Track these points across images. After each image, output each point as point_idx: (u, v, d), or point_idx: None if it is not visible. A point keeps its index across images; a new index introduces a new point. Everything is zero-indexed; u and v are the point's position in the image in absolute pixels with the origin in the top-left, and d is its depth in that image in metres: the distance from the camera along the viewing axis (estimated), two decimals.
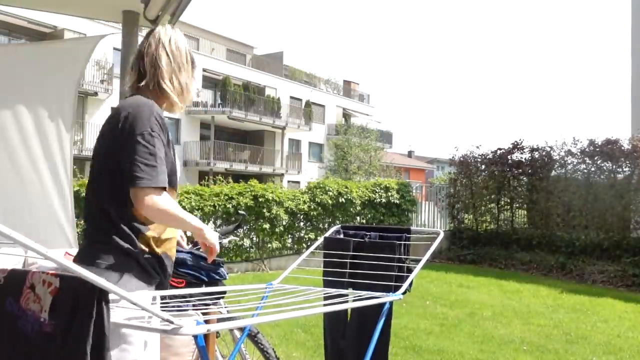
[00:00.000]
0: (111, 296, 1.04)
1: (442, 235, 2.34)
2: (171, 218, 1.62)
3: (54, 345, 1.00)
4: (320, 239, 2.45)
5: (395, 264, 2.13)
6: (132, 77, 1.81)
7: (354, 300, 1.65)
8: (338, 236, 2.47)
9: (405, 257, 2.25)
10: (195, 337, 1.13)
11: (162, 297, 1.82)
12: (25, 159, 3.44)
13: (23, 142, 3.44)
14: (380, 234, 2.40)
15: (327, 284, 1.94)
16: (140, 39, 3.62)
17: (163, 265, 1.70)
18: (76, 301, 1.00)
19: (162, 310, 1.31)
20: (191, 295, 1.96)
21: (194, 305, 1.96)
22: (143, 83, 1.76)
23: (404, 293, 1.90)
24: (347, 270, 2.14)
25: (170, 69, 1.80)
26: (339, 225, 2.57)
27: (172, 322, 1.09)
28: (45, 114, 3.47)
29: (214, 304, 2.22)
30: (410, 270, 2.04)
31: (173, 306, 1.83)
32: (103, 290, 0.98)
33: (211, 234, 1.79)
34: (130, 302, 1.04)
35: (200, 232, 1.76)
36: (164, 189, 1.62)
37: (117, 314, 1.39)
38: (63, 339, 0.99)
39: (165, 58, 1.79)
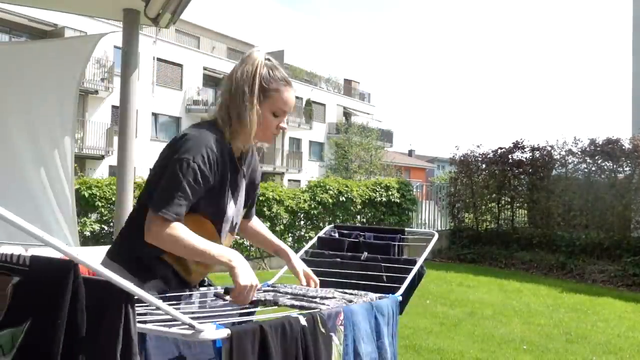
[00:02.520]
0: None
1: (436, 236, 2.33)
2: (179, 246, 1.50)
3: (83, 348, 0.98)
4: (314, 239, 2.45)
5: (389, 264, 2.13)
6: None
7: (350, 302, 1.65)
8: (332, 236, 2.47)
9: (399, 257, 2.24)
10: (214, 341, 1.14)
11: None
12: (25, 157, 3.44)
13: (24, 141, 3.44)
14: (375, 234, 2.40)
15: (321, 284, 1.94)
16: (140, 37, 3.63)
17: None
18: (103, 304, 0.99)
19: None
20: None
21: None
22: None
23: (401, 294, 1.90)
24: (341, 271, 2.14)
25: (226, 97, 1.65)
26: (333, 225, 2.56)
27: (193, 327, 1.09)
28: (46, 112, 3.47)
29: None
30: (405, 271, 2.03)
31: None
32: (129, 293, 0.98)
33: (244, 274, 1.50)
34: (155, 306, 1.03)
35: (229, 269, 1.51)
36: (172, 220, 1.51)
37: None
38: (93, 342, 0.98)
39: (227, 84, 1.65)
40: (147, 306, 1.27)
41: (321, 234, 2.47)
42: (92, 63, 21.05)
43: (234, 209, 1.71)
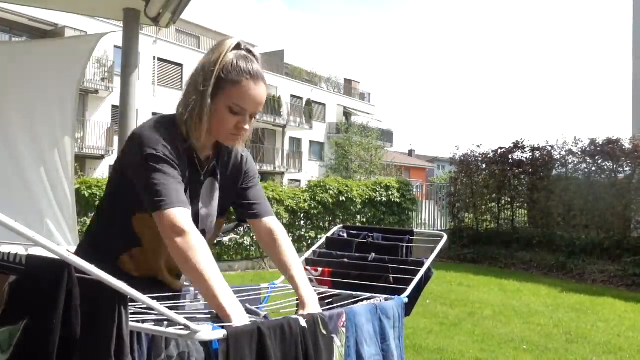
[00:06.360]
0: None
1: (445, 238, 2.33)
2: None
3: (77, 347, 0.98)
4: (323, 239, 2.44)
5: (398, 266, 2.12)
6: None
7: (357, 303, 1.65)
8: (340, 236, 2.47)
9: (407, 259, 2.24)
10: (210, 342, 1.12)
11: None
12: (26, 157, 3.43)
13: (24, 141, 3.43)
14: (383, 235, 2.40)
15: (328, 285, 1.94)
16: (140, 37, 3.62)
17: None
18: (97, 304, 0.99)
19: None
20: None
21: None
22: None
23: (408, 296, 1.90)
24: (348, 272, 2.14)
25: (185, 91, 1.46)
26: (341, 225, 2.56)
27: (189, 327, 1.09)
28: (46, 112, 3.47)
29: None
30: (412, 273, 2.03)
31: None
32: (122, 294, 0.97)
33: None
34: (149, 307, 1.03)
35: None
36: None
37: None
38: (88, 342, 0.98)
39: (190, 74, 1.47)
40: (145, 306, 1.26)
41: (330, 234, 2.47)
42: (92, 63, 21.04)
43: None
